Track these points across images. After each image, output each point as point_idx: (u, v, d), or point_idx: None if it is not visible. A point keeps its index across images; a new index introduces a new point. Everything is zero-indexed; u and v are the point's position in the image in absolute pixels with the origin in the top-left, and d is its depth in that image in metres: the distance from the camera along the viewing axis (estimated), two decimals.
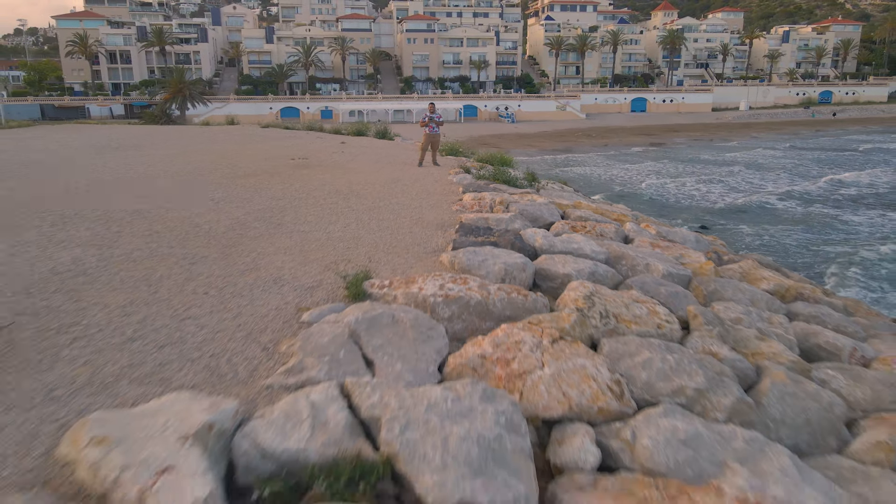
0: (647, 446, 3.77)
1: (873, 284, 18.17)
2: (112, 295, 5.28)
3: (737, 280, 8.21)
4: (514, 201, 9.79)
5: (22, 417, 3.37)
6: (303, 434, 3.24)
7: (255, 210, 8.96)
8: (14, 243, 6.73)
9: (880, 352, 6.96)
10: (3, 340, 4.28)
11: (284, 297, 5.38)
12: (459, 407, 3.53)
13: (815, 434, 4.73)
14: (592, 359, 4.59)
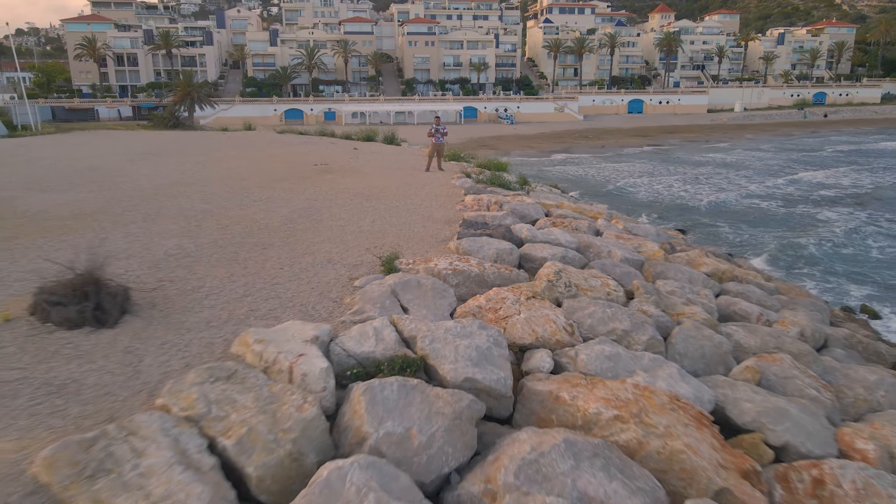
0: (583, 359, 5.93)
1: (836, 268, 20.32)
2: (216, 269, 7.43)
3: (682, 265, 10.36)
4: (506, 202, 11.95)
5: (198, 336, 5.52)
6: (371, 344, 5.39)
7: (298, 209, 11.11)
8: (125, 234, 8.88)
9: (784, 317, 9.14)
10: (160, 295, 6.43)
11: (338, 271, 7.53)
12: (464, 331, 5.69)
13: (708, 363, 6.89)
14: (554, 311, 6.75)
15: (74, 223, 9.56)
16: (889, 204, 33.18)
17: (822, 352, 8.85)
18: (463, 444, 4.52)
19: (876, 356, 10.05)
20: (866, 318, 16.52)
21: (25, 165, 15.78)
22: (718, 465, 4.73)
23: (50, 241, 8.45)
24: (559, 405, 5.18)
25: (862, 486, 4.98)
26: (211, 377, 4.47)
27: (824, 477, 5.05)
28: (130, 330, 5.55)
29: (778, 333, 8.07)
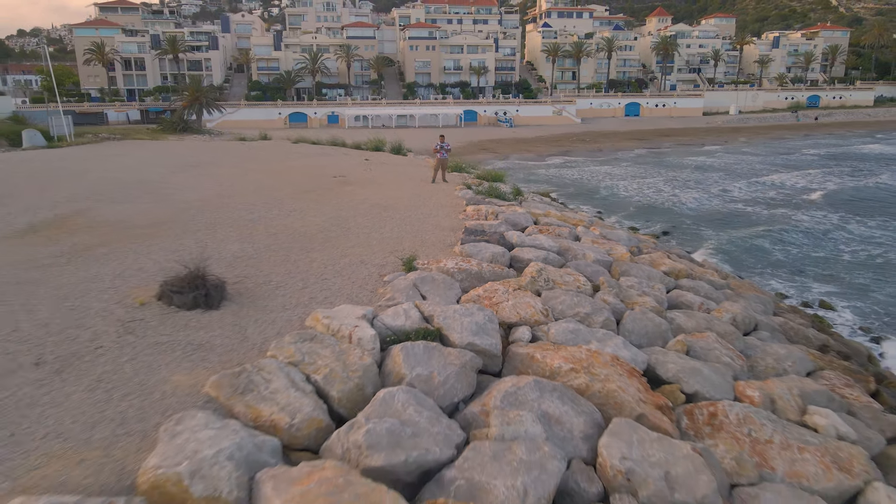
0: (553, 333, 8.21)
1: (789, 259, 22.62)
2: (276, 267, 9.71)
3: (644, 265, 12.64)
4: (501, 212, 14.24)
5: (279, 315, 7.81)
6: (402, 320, 7.67)
7: (328, 218, 13.39)
8: (196, 241, 11.16)
9: (722, 306, 11.42)
10: (242, 287, 8.71)
11: (369, 270, 9.81)
12: (467, 312, 7.97)
13: (649, 338, 9.17)
14: (534, 299, 9.03)
15: (152, 231, 11.83)
16: (854, 206, 35.48)
17: (751, 333, 11.14)
18: (467, 384, 6.80)
19: (804, 339, 12.33)
20: (819, 311, 18.88)
21: (81, 178, 18.05)
22: (640, 400, 7.00)
23: (140, 245, 10.73)
24: (533, 362, 7.46)
25: (742, 417, 7.25)
26: (300, 339, 6.75)
27: (717, 412, 7.33)
28: (230, 311, 7.83)
29: (711, 318, 10.36)
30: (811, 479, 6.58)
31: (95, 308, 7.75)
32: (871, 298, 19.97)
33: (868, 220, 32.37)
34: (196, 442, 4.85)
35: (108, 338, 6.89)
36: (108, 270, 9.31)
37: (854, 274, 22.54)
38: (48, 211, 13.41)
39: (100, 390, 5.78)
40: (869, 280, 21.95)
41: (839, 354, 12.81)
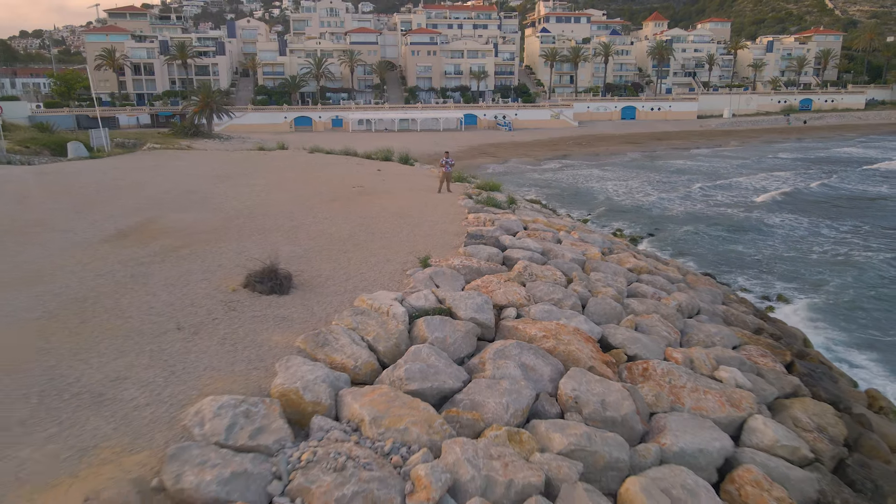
0: (532, 312, 11.18)
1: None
2: (323, 264, 12.67)
3: (612, 263, 15.60)
4: (497, 219, 17.21)
5: (334, 298, 10.77)
6: (423, 302, 10.64)
7: (355, 225, 16.34)
8: (254, 243, 14.11)
9: (671, 296, 14.36)
10: (300, 279, 11.66)
11: (395, 266, 12.77)
12: (470, 296, 10.94)
13: (607, 317, 12.13)
14: (520, 288, 11.98)
15: (214, 236, 14.79)
16: (797, 206, 38.43)
17: (694, 317, 14.10)
18: (470, 345, 9.77)
19: (741, 323, 15.30)
20: (776, 304, 21.86)
21: (139, 190, 21.00)
22: (591, 357, 9.96)
23: (211, 248, 13.69)
24: (517, 332, 10.42)
25: (666, 371, 10.21)
26: (354, 313, 9.72)
27: (648, 367, 10.29)
28: (298, 295, 10.79)
29: (660, 305, 13.33)
30: (709, 411, 9.54)
31: (200, 293, 10.72)
32: (809, 287, 22.94)
33: (804, 218, 35.67)
34: (301, 372, 7.81)
35: (219, 312, 9.86)
36: (196, 266, 12.27)
37: (786, 266, 25.50)
38: (125, 219, 16.37)
39: (227, 344, 8.75)
40: (805, 271, 24.94)
41: (771, 336, 15.80)
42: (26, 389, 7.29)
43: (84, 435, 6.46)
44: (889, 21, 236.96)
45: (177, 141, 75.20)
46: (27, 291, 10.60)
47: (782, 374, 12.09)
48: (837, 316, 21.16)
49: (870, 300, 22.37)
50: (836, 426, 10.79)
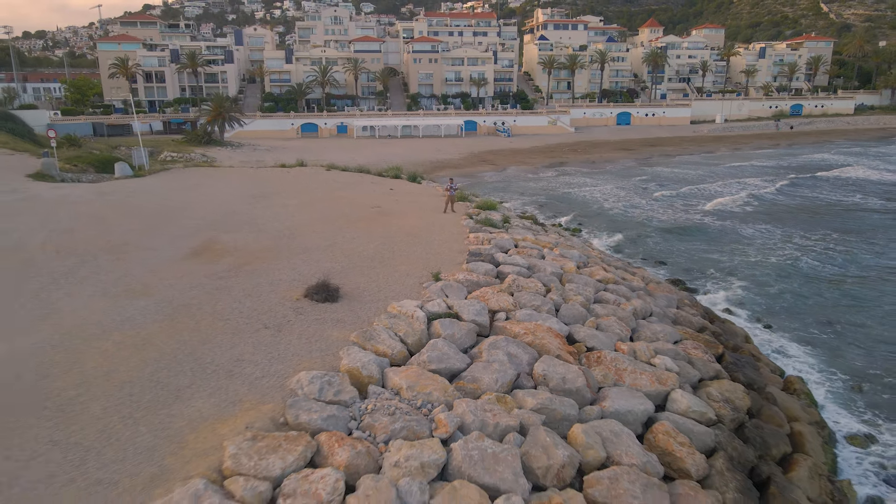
0: (517, 315, 15.10)
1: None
2: (359, 278, 16.55)
3: (585, 276, 19.47)
4: (493, 238, 21.10)
5: (372, 305, 14.66)
6: (437, 308, 14.55)
7: (378, 244, 20.21)
8: (302, 261, 17.98)
9: (630, 302, 18.24)
10: (344, 291, 15.55)
11: (413, 280, 16.65)
12: (471, 304, 14.86)
13: (575, 319, 16.03)
14: (509, 297, 15.89)
15: (267, 254, 18.67)
16: (767, 215, 42.23)
17: (646, 318, 17.97)
18: (471, 339, 13.68)
19: (688, 323, 19.18)
20: (732, 306, 25.62)
21: (190, 211, 24.88)
22: (559, 348, 13.84)
23: (269, 264, 17.56)
24: (505, 330, 14.30)
25: (613, 358, 14.09)
26: (388, 316, 13.61)
27: (601, 356, 14.17)
28: (345, 303, 14.67)
29: (618, 309, 17.20)
30: (641, 386, 13.41)
31: (272, 301, 14.61)
32: (762, 291, 26.77)
33: (750, 226, 39.71)
34: (358, 357, 11.70)
35: (291, 316, 13.75)
36: (263, 280, 16.16)
37: (745, 270, 29.34)
38: (191, 239, 20.26)
39: (303, 338, 12.63)
40: (757, 274, 28.78)
41: (713, 334, 19.69)
42: (182, 367, 11.20)
43: (230, 394, 10.36)
44: (882, 25, 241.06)
45: (191, 149, 79.26)
46: (146, 300, 14.50)
47: (708, 362, 15.99)
48: (787, 318, 24.98)
49: (814, 302, 26.17)
50: (742, 399, 14.69)
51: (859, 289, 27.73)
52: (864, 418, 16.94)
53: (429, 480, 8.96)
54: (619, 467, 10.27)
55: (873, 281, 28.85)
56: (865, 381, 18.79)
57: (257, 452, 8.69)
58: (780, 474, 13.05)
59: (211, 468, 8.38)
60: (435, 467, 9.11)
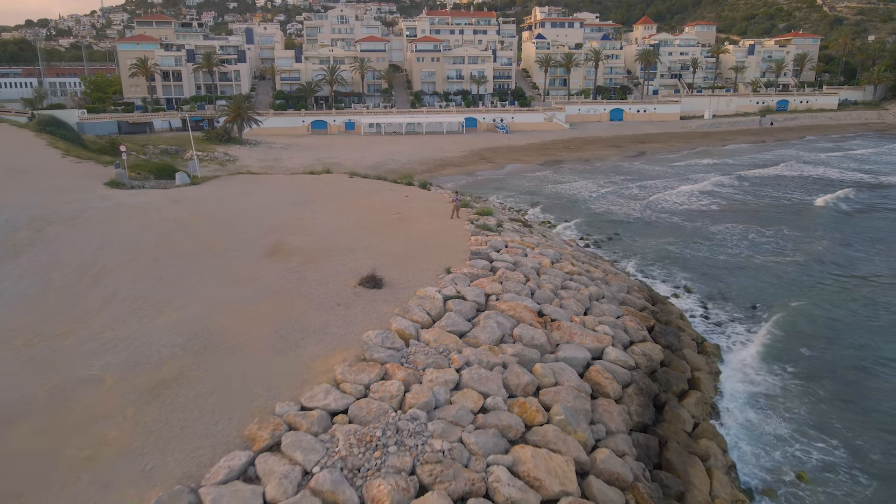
0: (505, 298, 22.01)
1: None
2: (394, 271, 23.42)
3: (556, 269, 26.34)
4: (489, 240, 28.01)
5: (406, 291, 21.58)
6: (449, 292, 21.50)
7: (403, 245, 27.06)
8: (350, 258, 24.85)
9: (587, 288, 25.17)
10: (385, 281, 22.48)
11: (432, 272, 23.53)
12: (472, 290, 21.81)
13: (546, 300, 22.91)
14: (499, 285, 22.81)
15: (324, 254, 25.53)
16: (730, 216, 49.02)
17: (599, 300, 24.87)
18: (472, 313, 20.67)
19: (632, 304, 26.10)
20: (680, 291, 32.44)
21: (255, 217, 31.72)
22: (532, 319, 20.77)
23: (328, 261, 24.43)
24: (496, 307, 21.25)
25: (568, 326, 21.06)
26: (418, 298, 20.54)
27: (560, 325, 21.15)
28: (387, 290, 21.57)
29: (577, 294, 24.08)
30: (585, 344, 20.38)
31: (337, 288, 21.50)
32: (674, 268, 33.59)
33: (700, 222, 46.56)
34: (402, 322, 18.66)
35: (352, 298, 20.65)
36: (327, 272, 23.05)
37: (689, 261, 36.16)
38: (263, 240, 27.11)
39: (364, 312, 19.54)
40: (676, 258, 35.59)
41: (651, 312, 26.57)
42: (293, 329, 18.11)
43: (328, 344, 17.27)
44: (874, 18, 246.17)
45: (214, 147, 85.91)
46: (252, 287, 21.41)
47: (639, 331, 22.93)
48: (721, 300, 31.76)
49: (745, 286, 32.96)
50: (657, 355, 21.65)
51: (785, 275, 34.56)
52: (757, 371, 23.82)
53: (448, 389, 15.88)
54: (562, 386, 17.23)
55: (797, 271, 35.68)
56: (768, 346, 25.65)
57: (353, 372, 15.64)
58: (675, 401, 20.01)
59: (330, 379, 15.31)
60: (452, 383, 16.04)
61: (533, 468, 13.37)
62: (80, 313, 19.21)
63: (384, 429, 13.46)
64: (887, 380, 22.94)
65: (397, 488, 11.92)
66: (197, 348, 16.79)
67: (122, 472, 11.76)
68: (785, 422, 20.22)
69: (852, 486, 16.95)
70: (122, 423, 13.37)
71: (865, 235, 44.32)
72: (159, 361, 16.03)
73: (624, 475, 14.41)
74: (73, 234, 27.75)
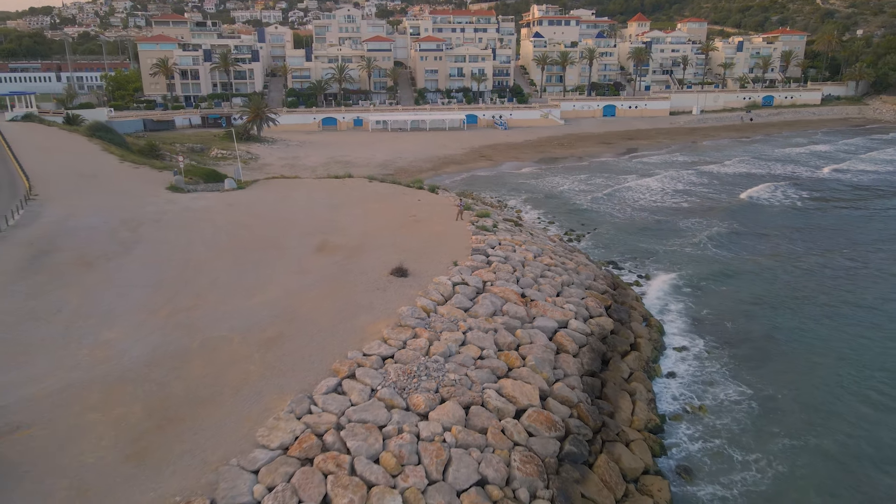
0: (497, 284, 30.02)
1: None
2: (416, 264, 31.32)
3: (538, 262, 34.29)
4: (486, 239, 36.01)
5: (425, 278, 29.59)
6: (457, 280, 29.51)
7: (419, 242, 34.96)
8: (384, 253, 32.84)
9: (561, 277, 33.17)
10: (410, 271, 30.48)
11: (443, 264, 31.47)
12: (474, 278, 29.81)
13: (528, 285, 30.91)
14: (493, 274, 30.82)
15: (360, 250, 33.46)
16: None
17: (568, 286, 32.85)
18: (474, 294, 28.73)
19: (595, 289, 34.15)
20: (639, 279, 40.45)
21: (295, 218, 39.62)
22: (516, 299, 28.77)
23: (364, 255, 32.36)
24: (491, 290, 29.23)
25: (542, 304, 29.11)
26: (434, 284, 28.52)
27: (537, 303, 29.18)
28: (411, 278, 29.50)
29: (553, 281, 32.06)
30: (555, 318, 28.45)
31: (374, 277, 29.46)
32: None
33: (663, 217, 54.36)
34: (424, 301, 26.68)
35: (387, 283, 28.60)
36: (365, 265, 31.02)
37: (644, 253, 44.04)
38: (310, 239, 35.02)
39: (397, 294, 27.49)
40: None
41: (611, 295, 34.59)
42: (348, 305, 26.12)
43: (374, 315, 25.28)
44: (865, 11, 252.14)
45: (233, 145, 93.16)
46: (310, 276, 29.39)
47: (597, 308, 30.95)
48: (673, 287, 39.68)
49: (682, 264, 40.83)
50: (609, 326, 29.74)
51: (732, 269, 42.49)
52: (688, 338, 31.78)
53: (457, 345, 23.87)
54: (535, 344, 25.25)
55: (747, 265, 43.58)
56: (703, 321, 33.60)
57: (394, 333, 23.68)
58: (619, 357, 28.06)
59: (379, 337, 23.32)
60: (460, 341, 24.07)
61: (511, 391, 21.43)
62: (196, 294, 27.21)
63: (418, 367, 21.53)
64: (786, 344, 30.86)
65: (428, 399, 19.96)
66: (286, 318, 24.79)
67: (265, 388, 19.79)
68: (701, 374, 28.24)
69: (739, 417, 24.83)
70: (255, 362, 21.39)
71: (776, 222, 53.69)
72: (264, 326, 24.05)
73: (572, 398, 22.49)
74: (162, 234, 35.71)
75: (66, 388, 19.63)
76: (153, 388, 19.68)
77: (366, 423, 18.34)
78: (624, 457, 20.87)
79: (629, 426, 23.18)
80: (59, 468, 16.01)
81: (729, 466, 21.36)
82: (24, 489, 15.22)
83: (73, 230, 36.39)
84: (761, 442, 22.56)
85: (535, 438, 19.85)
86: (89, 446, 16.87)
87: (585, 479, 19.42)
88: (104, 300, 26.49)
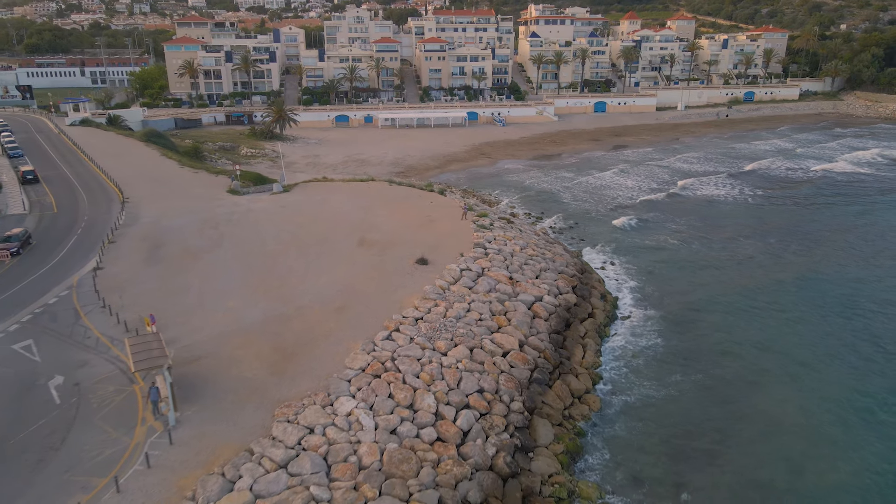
0: (493, 269, 41.52)
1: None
2: (432, 254, 42.74)
3: (524, 253, 45.69)
4: (484, 234, 47.50)
5: (441, 266, 41.10)
6: (464, 267, 41.00)
7: (434, 239, 46.30)
8: (412, 247, 44.39)
9: (540, 263, 44.68)
10: (429, 260, 41.99)
11: (453, 254, 42.95)
12: (475, 266, 41.29)
13: (515, 270, 42.38)
14: (489, 262, 42.31)
15: (392, 245, 44.91)
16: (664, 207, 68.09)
17: (545, 270, 44.31)
18: (475, 276, 40.19)
19: (566, 273, 45.73)
20: (608, 265, 52.05)
21: (336, 218, 51.11)
22: (506, 281, 40.25)
23: (394, 250, 43.78)
24: (488, 275, 40.68)
25: (525, 283, 40.64)
26: (447, 270, 39.98)
27: (521, 284, 40.68)
28: (431, 265, 40.93)
29: (535, 266, 43.47)
30: (533, 293, 40.01)
31: (405, 265, 40.89)
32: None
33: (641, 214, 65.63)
34: (440, 282, 38.21)
35: (413, 270, 40.05)
36: (396, 256, 42.45)
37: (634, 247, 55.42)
38: (353, 236, 46.44)
39: (422, 277, 38.97)
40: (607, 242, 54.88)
41: (578, 279, 46.14)
42: (388, 285, 37.64)
43: (408, 291, 36.80)
44: (852, 4, 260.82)
45: (261, 144, 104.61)
46: (357, 265, 40.89)
47: (566, 287, 42.49)
48: (636, 271, 51.05)
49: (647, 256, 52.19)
50: (573, 300, 41.37)
51: (681, 257, 53.85)
52: (635, 309, 43.24)
53: (465, 311, 35.40)
54: (518, 312, 36.81)
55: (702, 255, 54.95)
56: (649, 297, 45.11)
57: (422, 303, 35.32)
58: (578, 322, 39.67)
59: (412, 306, 34.86)
60: (466, 309, 35.61)
61: (500, 340, 33.02)
62: (279, 277, 38.65)
63: (439, 324, 33.11)
64: (711, 315, 42.27)
65: (447, 344, 31.53)
66: (348, 293, 36.26)
67: (344, 336, 31.29)
68: (643, 333, 39.70)
69: (654, 359, 36.33)
70: (333, 321, 32.88)
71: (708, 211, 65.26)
72: (333, 299, 35.53)
73: (541, 346, 34.10)
74: (239, 231, 47.11)
75: (218, 336, 31.17)
76: (273, 337, 31.23)
77: (409, 357, 29.95)
78: (573, 382, 32.50)
79: (579, 365, 34.82)
80: (231, 378, 27.55)
81: (639, 387, 33.03)
82: (212, 390, 26.75)
83: (169, 229, 47.77)
84: (662, 374, 34.28)
85: (514, 369, 31.45)
86: (246, 367, 28.42)
87: (545, 394, 31.08)
88: (217, 281, 37.97)
